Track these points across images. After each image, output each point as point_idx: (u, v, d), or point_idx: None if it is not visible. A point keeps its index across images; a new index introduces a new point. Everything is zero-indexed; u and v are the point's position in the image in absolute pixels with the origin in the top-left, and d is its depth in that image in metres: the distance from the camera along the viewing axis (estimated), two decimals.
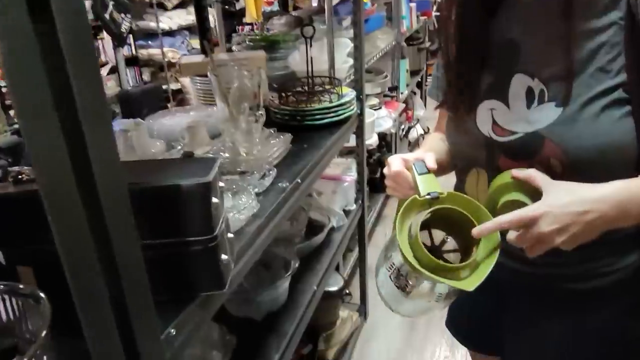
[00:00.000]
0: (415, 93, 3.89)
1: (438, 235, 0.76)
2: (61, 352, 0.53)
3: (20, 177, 0.66)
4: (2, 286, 0.56)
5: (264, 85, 1.31)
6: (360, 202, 1.79)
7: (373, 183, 2.77)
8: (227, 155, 1.10)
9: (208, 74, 1.36)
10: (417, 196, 0.73)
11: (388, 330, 2.03)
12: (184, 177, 0.63)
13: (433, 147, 0.93)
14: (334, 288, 1.70)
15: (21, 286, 0.55)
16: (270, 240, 0.94)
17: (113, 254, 0.48)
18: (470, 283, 0.65)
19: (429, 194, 0.73)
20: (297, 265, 1.21)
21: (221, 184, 0.71)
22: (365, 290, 2.03)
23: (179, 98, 1.95)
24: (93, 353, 0.49)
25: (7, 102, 2.48)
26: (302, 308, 1.22)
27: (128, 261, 0.50)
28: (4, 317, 0.58)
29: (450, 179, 0.93)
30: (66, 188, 0.43)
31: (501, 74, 0.80)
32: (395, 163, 0.81)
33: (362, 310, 2.05)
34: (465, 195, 0.73)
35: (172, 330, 0.63)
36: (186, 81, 1.82)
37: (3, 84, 2.51)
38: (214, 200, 0.64)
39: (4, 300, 0.57)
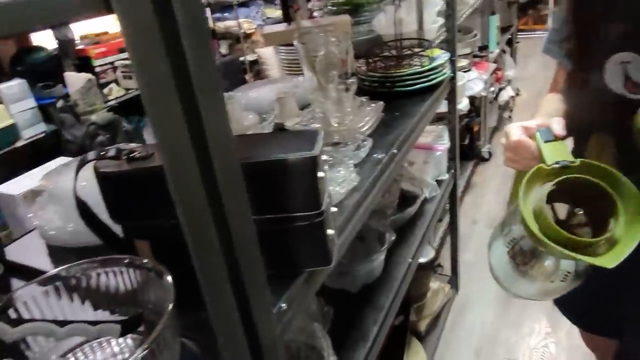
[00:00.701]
0: (505, 52, 3.61)
1: (561, 209, 0.68)
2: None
3: (132, 154, 0.69)
4: (127, 260, 0.59)
5: (351, 51, 1.26)
6: (452, 171, 1.71)
7: (461, 150, 2.64)
8: (318, 126, 1.08)
9: (295, 42, 1.34)
10: (543, 165, 0.66)
11: (482, 303, 1.95)
12: (289, 151, 0.61)
13: (550, 110, 0.84)
14: (425, 259, 1.65)
15: (145, 260, 0.58)
16: (368, 214, 0.91)
17: (230, 231, 0.48)
18: (610, 259, 0.57)
19: (557, 162, 0.65)
20: (393, 238, 1.18)
21: (324, 157, 0.69)
22: (457, 261, 1.96)
23: (256, 69, 1.95)
24: (215, 327, 0.50)
25: (102, 81, 2.66)
26: (398, 281, 1.19)
27: (243, 237, 0.50)
28: (128, 286, 0.61)
29: None
30: (188, 167, 0.43)
31: (637, 20, 0.68)
32: (514, 132, 0.74)
33: (454, 282, 1.99)
34: (603, 165, 0.64)
35: (284, 305, 0.63)
36: (263, 52, 1.81)
37: (97, 63, 2.67)
38: (320, 174, 0.62)
39: (127, 272, 0.60)
